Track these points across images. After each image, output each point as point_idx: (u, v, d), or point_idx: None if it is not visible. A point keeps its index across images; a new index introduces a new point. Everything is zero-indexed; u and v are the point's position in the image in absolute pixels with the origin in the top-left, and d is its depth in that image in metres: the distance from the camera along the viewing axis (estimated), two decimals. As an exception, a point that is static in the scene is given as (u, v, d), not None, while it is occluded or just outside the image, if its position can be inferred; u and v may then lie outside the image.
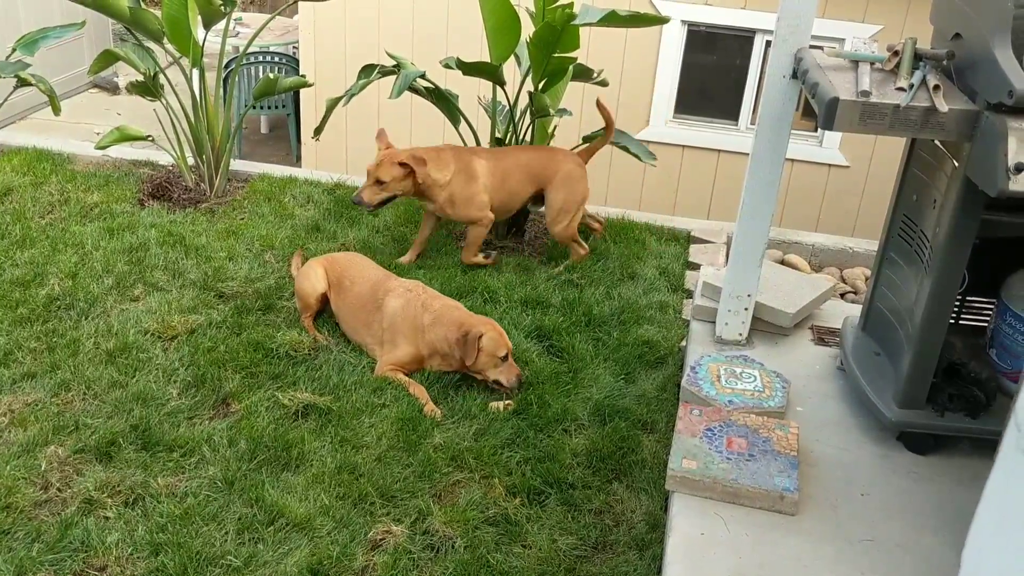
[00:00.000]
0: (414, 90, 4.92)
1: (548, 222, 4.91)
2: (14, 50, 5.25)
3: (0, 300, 4.17)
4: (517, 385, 3.80)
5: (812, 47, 3.13)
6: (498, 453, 3.48)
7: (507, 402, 3.77)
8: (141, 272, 4.49)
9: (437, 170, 4.48)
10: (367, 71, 4.83)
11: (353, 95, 4.74)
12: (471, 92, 5.33)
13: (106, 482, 3.20)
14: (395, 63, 4.82)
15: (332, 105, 4.81)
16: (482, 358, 3.77)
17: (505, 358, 3.79)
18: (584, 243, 5.01)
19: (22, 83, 5.26)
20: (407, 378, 3.85)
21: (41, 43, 5.21)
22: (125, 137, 5.05)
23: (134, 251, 4.66)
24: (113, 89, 9.62)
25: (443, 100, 5.04)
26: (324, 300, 4.24)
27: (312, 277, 4.23)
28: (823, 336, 3.78)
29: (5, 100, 5.38)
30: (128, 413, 3.54)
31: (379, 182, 4.34)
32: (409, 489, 3.29)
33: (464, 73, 4.78)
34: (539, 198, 4.93)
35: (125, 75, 9.65)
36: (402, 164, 4.34)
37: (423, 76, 4.85)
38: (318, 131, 4.85)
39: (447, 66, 4.85)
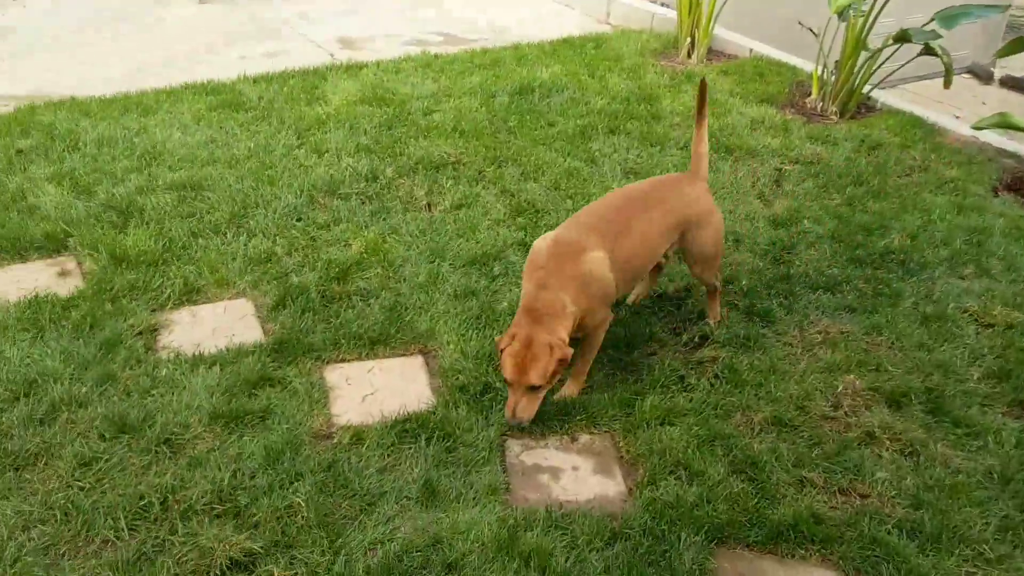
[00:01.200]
0: None
1: (696, 273, 3.94)
2: (932, 20, 5.52)
3: (842, 242, 4.58)
4: None
5: None
6: None
7: None
8: (977, 255, 4.50)
9: (561, 325, 3.33)
10: None
11: None
12: None
13: (889, 425, 3.41)
14: None
15: None
16: None
17: None
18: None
19: (927, 51, 5.53)
20: None
21: (961, 19, 5.36)
22: (1006, 124, 5.00)
23: (975, 233, 4.67)
24: (987, 78, 9.51)
25: None
26: None
27: None
28: None
29: (908, 61, 5.71)
30: (926, 376, 3.68)
31: (533, 388, 3.31)
32: None
33: None
34: None
35: (1002, 67, 9.47)
36: (555, 370, 3.29)
37: None
38: None
39: None
